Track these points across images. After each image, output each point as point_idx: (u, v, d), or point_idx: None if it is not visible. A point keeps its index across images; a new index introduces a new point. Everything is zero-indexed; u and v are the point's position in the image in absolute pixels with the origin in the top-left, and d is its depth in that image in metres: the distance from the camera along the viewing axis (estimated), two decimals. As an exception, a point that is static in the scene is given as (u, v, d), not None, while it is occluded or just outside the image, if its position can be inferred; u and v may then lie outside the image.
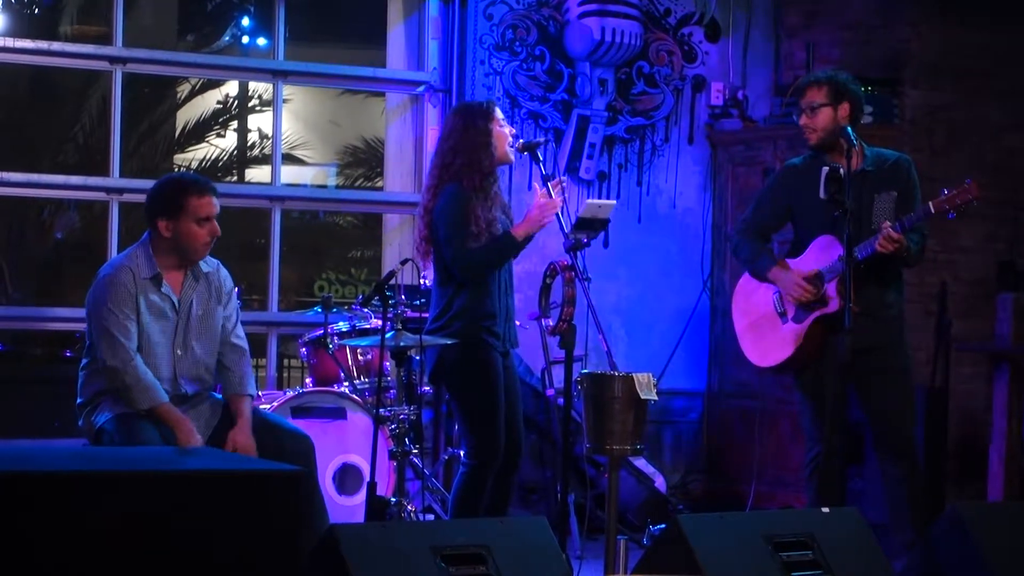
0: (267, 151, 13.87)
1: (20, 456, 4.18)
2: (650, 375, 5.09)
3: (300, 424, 6.23)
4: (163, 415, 5.51)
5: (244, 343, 5.90)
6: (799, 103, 6.25)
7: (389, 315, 5.97)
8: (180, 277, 5.70)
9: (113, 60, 7.89)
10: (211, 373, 5.79)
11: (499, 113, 6.12)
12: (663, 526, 6.04)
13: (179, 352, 5.68)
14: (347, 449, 6.74)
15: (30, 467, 3.87)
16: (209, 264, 5.80)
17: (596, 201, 6.16)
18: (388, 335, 5.89)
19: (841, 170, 5.87)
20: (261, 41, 13.47)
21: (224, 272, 5.87)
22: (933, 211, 5.90)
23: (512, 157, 6.15)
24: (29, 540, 3.62)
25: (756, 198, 6.55)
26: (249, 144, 15.02)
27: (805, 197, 6.18)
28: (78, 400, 5.70)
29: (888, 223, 5.91)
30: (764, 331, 6.32)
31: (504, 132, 6.09)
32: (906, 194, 6.12)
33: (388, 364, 6.62)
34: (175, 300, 5.67)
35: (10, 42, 7.88)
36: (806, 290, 6.11)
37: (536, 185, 6.07)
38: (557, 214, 5.89)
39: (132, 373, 5.49)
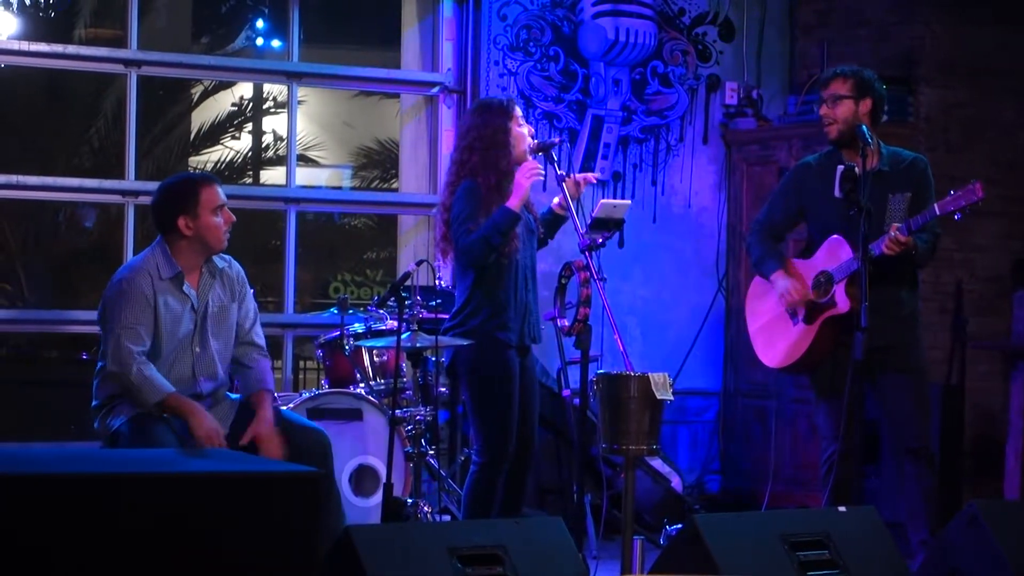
0: (282, 153, 13.89)
1: (35, 459, 4.18)
2: (666, 375, 5.08)
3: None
4: (173, 406, 5.48)
5: (263, 341, 5.89)
6: (821, 94, 6.23)
7: (405, 316, 5.97)
8: (197, 276, 5.71)
9: (128, 63, 7.90)
10: (227, 370, 5.79)
11: (518, 111, 6.09)
12: (679, 526, 6.04)
13: (197, 350, 5.67)
14: (363, 450, 6.73)
15: (45, 469, 3.88)
16: (223, 260, 5.81)
17: (611, 201, 6.15)
18: (404, 336, 5.89)
19: (856, 168, 5.87)
20: (275, 43, 13.51)
21: (237, 266, 5.86)
22: (939, 212, 5.88)
23: (529, 157, 6.12)
24: (44, 543, 3.62)
25: (769, 198, 6.55)
26: (264, 146, 15.06)
27: (818, 196, 6.17)
28: (93, 403, 5.68)
29: (897, 225, 5.89)
30: (775, 332, 6.31)
31: (523, 132, 6.05)
32: (920, 195, 6.09)
33: (404, 365, 6.62)
34: (194, 299, 5.67)
35: (25, 45, 7.90)
36: (795, 300, 6.15)
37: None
38: (572, 214, 5.88)
39: (135, 374, 5.44)
